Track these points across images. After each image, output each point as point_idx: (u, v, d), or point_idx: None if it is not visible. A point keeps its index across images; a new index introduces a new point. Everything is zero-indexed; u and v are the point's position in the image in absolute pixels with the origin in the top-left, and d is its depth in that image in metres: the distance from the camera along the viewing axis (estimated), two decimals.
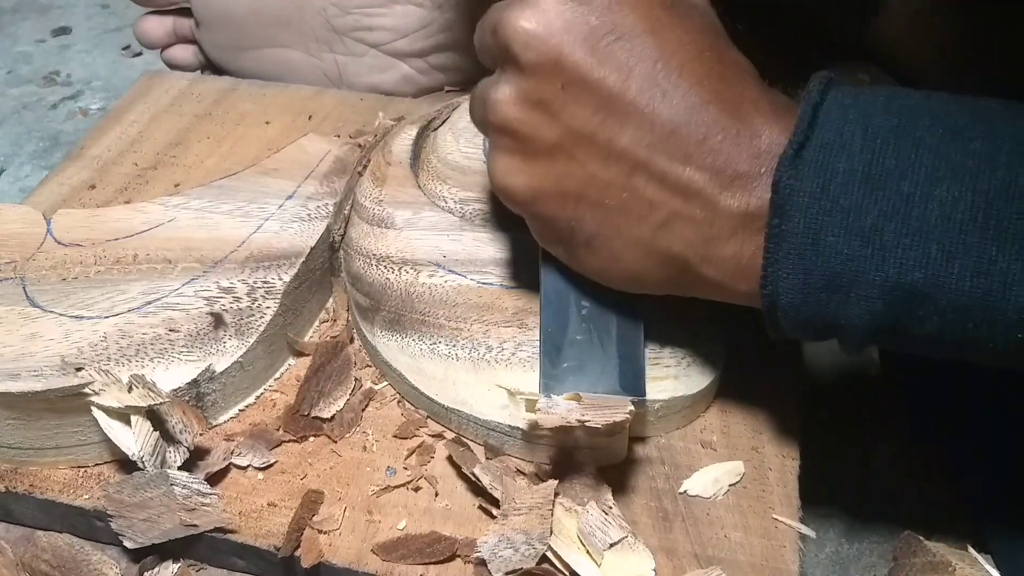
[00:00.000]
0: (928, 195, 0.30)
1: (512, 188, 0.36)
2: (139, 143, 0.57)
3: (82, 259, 0.45)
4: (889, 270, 0.30)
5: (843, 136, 0.31)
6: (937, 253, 0.30)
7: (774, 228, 0.32)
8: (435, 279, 0.44)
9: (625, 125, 0.34)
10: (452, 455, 0.40)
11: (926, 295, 0.30)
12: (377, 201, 0.48)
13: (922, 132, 0.31)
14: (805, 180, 0.31)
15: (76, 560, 0.39)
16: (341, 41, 0.62)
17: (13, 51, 0.85)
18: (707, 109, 0.33)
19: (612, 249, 0.36)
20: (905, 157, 0.30)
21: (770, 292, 0.33)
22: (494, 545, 0.36)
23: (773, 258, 0.32)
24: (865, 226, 0.30)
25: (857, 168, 0.31)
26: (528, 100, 0.35)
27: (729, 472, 0.40)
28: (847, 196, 0.31)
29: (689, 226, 0.34)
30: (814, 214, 0.31)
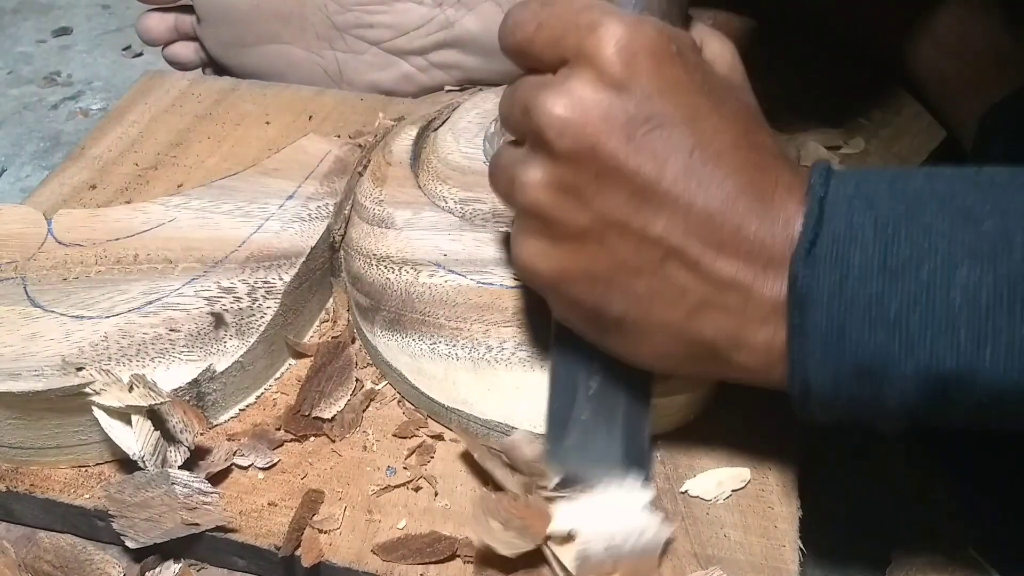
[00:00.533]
0: (949, 280, 0.30)
1: (538, 270, 0.35)
2: (140, 143, 0.57)
3: (83, 259, 0.45)
4: (920, 359, 0.30)
5: (853, 227, 0.31)
6: (966, 339, 0.29)
7: (795, 327, 0.31)
8: (435, 279, 0.44)
9: (659, 214, 0.33)
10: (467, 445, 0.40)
11: (960, 382, 0.30)
12: (377, 201, 0.48)
13: (931, 218, 0.30)
14: (821, 276, 0.31)
15: (79, 560, 0.39)
16: (342, 38, 0.62)
17: (14, 51, 0.85)
18: (742, 198, 0.33)
19: (641, 332, 0.35)
20: (919, 244, 0.30)
21: (799, 385, 0.32)
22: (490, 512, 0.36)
23: (798, 356, 0.32)
24: (889, 317, 0.30)
25: (872, 259, 0.30)
26: (561, 186, 0.34)
27: (734, 477, 0.40)
28: (866, 288, 0.30)
29: (722, 313, 0.33)
30: (835, 309, 0.31)
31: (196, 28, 0.65)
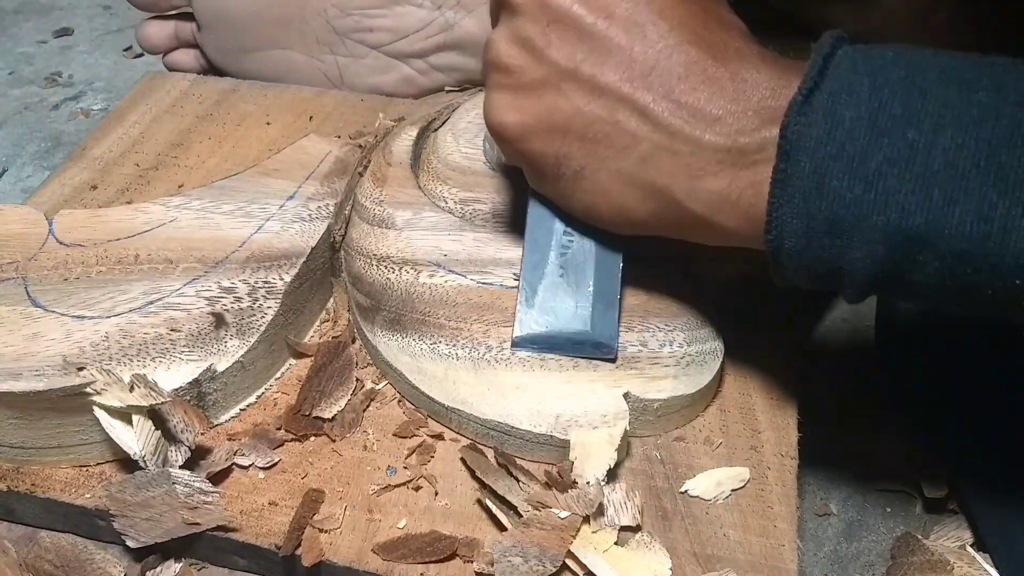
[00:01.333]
0: (932, 142, 0.30)
1: (504, 123, 0.39)
2: (140, 144, 0.57)
3: (84, 259, 0.45)
4: (891, 214, 0.31)
5: (852, 85, 0.32)
6: (939, 198, 0.30)
7: (780, 172, 0.32)
8: (435, 279, 0.44)
9: (607, 61, 0.36)
10: (467, 460, 0.40)
11: (927, 239, 0.30)
12: (378, 201, 0.48)
13: (929, 83, 0.31)
14: (813, 126, 0.32)
15: (80, 560, 0.39)
16: (342, 43, 0.62)
17: (15, 52, 0.85)
18: (686, 49, 0.35)
19: (598, 183, 0.37)
20: (911, 106, 0.31)
21: (774, 236, 0.33)
22: (507, 549, 0.36)
23: (778, 202, 0.33)
24: (869, 171, 0.31)
25: (864, 116, 0.31)
26: (517, 38, 0.38)
27: (733, 477, 0.40)
28: (853, 142, 0.31)
29: (672, 159, 0.35)
30: (820, 158, 0.31)
31: (196, 35, 0.65)
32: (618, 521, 0.37)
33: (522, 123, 0.38)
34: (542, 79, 0.37)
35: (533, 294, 0.40)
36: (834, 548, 0.44)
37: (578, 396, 0.40)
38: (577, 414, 0.40)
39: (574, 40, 0.37)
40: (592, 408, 0.40)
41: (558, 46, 0.37)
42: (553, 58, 0.37)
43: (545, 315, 0.40)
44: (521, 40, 0.38)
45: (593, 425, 0.39)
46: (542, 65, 0.37)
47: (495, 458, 0.39)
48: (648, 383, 0.41)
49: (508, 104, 0.38)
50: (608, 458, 0.38)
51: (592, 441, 0.39)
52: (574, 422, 0.40)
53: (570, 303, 0.40)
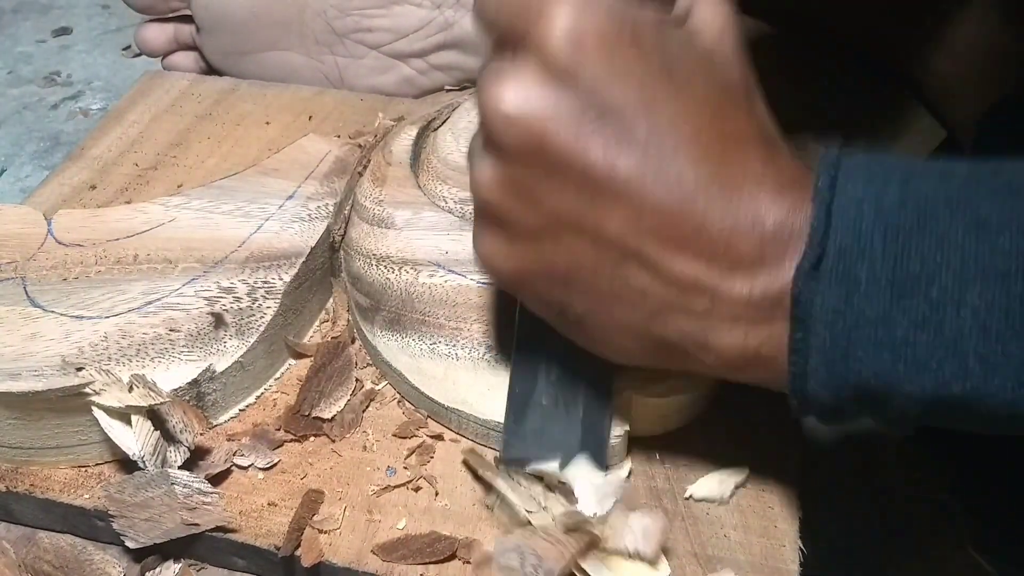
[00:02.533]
0: (960, 301, 0.28)
1: (497, 269, 0.34)
2: (140, 143, 0.57)
3: (83, 259, 0.45)
4: (926, 384, 0.29)
5: (862, 240, 0.29)
6: (975, 364, 0.28)
7: (798, 343, 0.30)
8: (435, 279, 0.44)
9: (613, 212, 0.31)
10: (469, 461, 0.39)
11: (967, 405, 0.29)
12: (377, 201, 0.48)
13: (944, 227, 0.29)
14: (826, 293, 0.29)
15: (79, 560, 0.39)
16: (341, 43, 0.62)
17: (14, 51, 0.85)
18: (704, 194, 0.31)
19: (604, 331, 0.34)
20: (930, 259, 0.28)
21: (799, 403, 0.32)
22: (509, 548, 0.36)
23: (799, 372, 0.31)
24: (896, 338, 0.29)
25: (881, 276, 0.29)
26: (510, 185, 0.32)
27: (733, 476, 0.40)
28: (873, 306, 0.29)
29: (685, 316, 0.32)
30: (840, 329, 0.29)
31: (195, 37, 0.65)
32: (639, 550, 0.36)
33: (518, 270, 0.34)
34: (539, 229, 0.32)
35: (522, 415, 0.38)
36: (835, 549, 0.44)
37: None
38: None
39: (576, 189, 0.31)
40: None
41: (559, 196, 0.31)
42: (553, 209, 0.32)
43: (534, 443, 0.38)
44: (514, 186, 0.32)
45: None
46: (539, 215, 0.32)
47: (496, 460, 0.39)
48: (648, 383, 0.40)
49: (500, 250, 0.34)
50: (612, 497, 0.38)
51: (596, 483, 0.38)
52: None
53: (559, 429, 0.38)
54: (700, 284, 0.31)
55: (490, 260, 0.34)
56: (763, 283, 0.31)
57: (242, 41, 0.63)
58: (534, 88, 0.30)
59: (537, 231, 0.32)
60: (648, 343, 0.33)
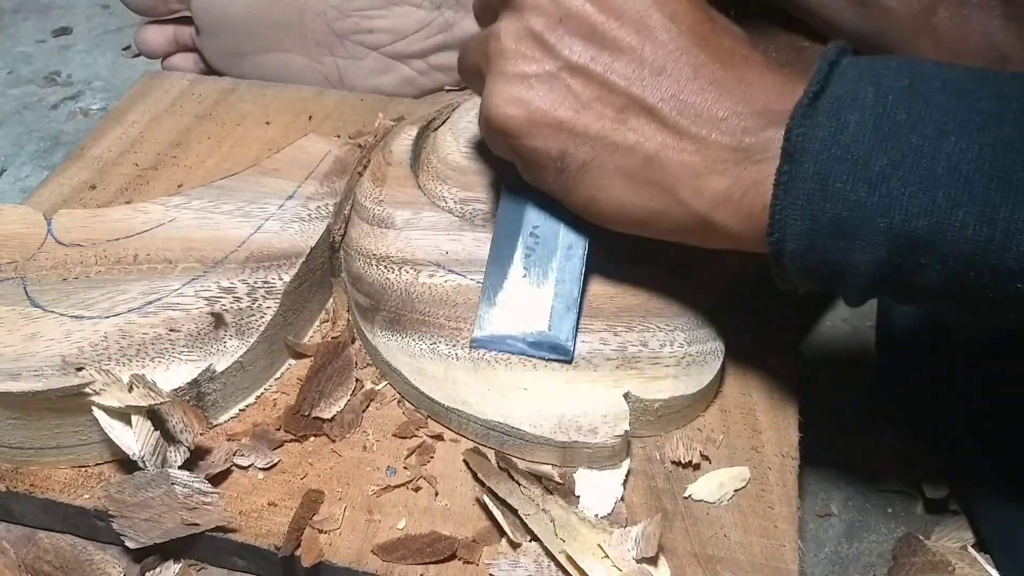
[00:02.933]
0: (936, 147, 0.31)
1: (508, 116, 0.38)
2: (140, 143, 0.57)
3: (83, 259, 0.45)
4: (895, 217, 0.31)
5: (856, 91, 0.32)
6: (942, 201, 0.30)
7: (783, 174, 0.33)
8: (435, 279, 0.44)
9: (618, 60, 0.37)
10: (469, 462, 0.39)
11: (930, 242, 0.31)
12: (377, 201, 0.48)
13: (932, 92, 0.32)
14: (817, 129, 0.32)
15: (79, 560, 0.39)
16: (341, 44, 0.62)
17: (14, 51, 0.85)
18: (696, 52, 0.36)
19: (603, 178, 0.38)
20: (915, 113, 0.31)
21: (777, 238, 0.33)
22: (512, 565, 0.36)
23: (781, 204, 0.33)
24: (873, 174, 0.31)
25: (868, 120, 0.32)
26: (528, 33, 0.38)
27: (734, 478, 0.40)
28: (857, 145, 0.31)
29: (678, 156, 0.36)
30: (824, 161, 0.32)
31: (195, 39, 0.64)
32: (639, 553, 0.36)
33: (527, 116, 0.38)
34: (550, 72, 0.38)
35: (495, 293, 0.41)
36: (835, 549, 0.44)
37: (578, 396, 0.40)
38: (577, 414, 0.40)
39: (585, 38, 0.37)
40: (592, 408, 0.40)
41: (569, 42, 0.37)
42: (564, 53, 0.37)
43: (506, 315, 0.40)
44: (531, 33, 0.38)
45: (593, 426, 0.39)
46: (552, 58, 0.38)
47: (496, 461, 0.39)
48: (648, 383, 0.40)
49: (513, 96, 0.38)
50: (614, 495, 0.38)
51: (598, 479, 0.39)
52: (575, 422, 0.39)
53: (530, 304, 0.40)
54: (691, 131, 0.36)
55: (503, 109, 0.38)
56: (751, 135, 0.35)
57: (242, 43, 0.63)
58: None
59: (549, 75, 0.38)
60: (643, 186, 0.37)
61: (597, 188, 0.38)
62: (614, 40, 0.37)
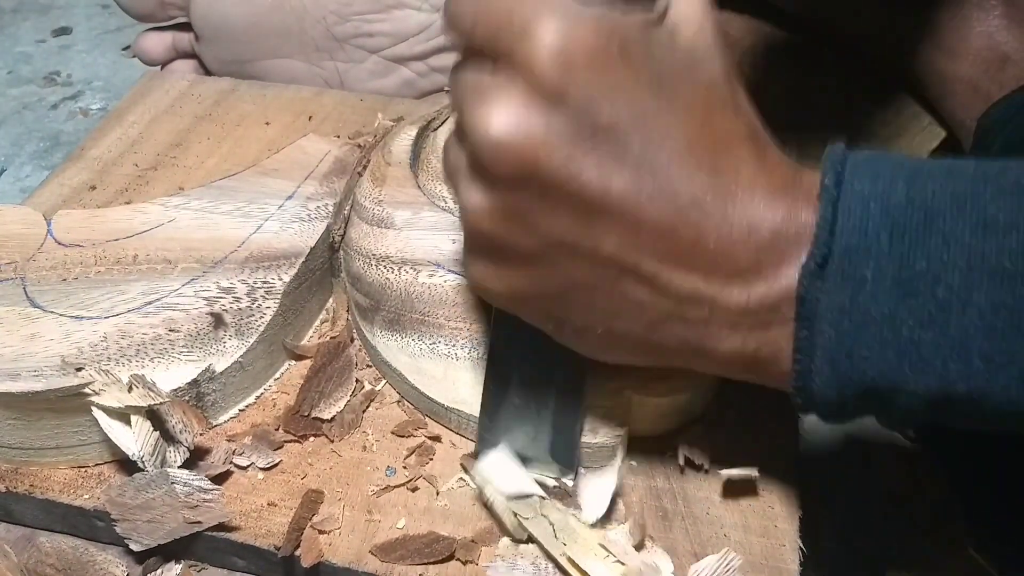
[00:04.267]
0: (966, 301, 0.28)
1: (490, 290, 0.34)
2: (139, 144, 0.57)
3: (82, 259, 0.45)
4: (931, 383, 0.29)
5: (868, 239, 0.29)
6: (980, 364, 0.28)
7: (803, 341, 0.30)
8: (435, 279, 0.44)
9: (610, 232, 0.31)
10: (467, 467, 0.39)
11: (972, 404, 0.29)
12: (377, 201, 0.48)
13: (951, 226, 0.29)
14: (832, 292, 0.29)
15: (81, 562, 0.39)
16: (341, 48, 0.62)
17: (14, 51, 0.85)
18: (698, 206, 0.30)
19: (603, 341, 0.34)
20: (936, 258, 0.28)
21: (803, 400, 0.32)
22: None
23: (804, 369, 0.31)
24: (901, 338, 0.29)
25: (887, 274, 0.29)
26: (503, 212, 0.31)
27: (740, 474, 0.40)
28: (878, 305, 0.29)
29: (683, 326, 0.32)
30: (845, 328, 0.29)
31: (195, 46, 0.64)
32: (633, 541, 0.36)
33: (512, 292, 0.34)
34: (534, 253, 0.32)
35: (495, 413, 0.39)
36: (835, 549, 0.44)
37: None
38: None
39: (572, 212, 0.31)
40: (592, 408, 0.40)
41: (553, 220, 0.31)
42: (548, 232, 0.31)
43: (504, 436, 0.39)
44: (507, 213, 0.31)
45: (593, 426, 0.39)
46: (534, 239, 0.31)
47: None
48: (648, 382, 0.40)
49: (494, 274, 0.33)
50: (608, 493, 0.38)
51: (594, 481, 0.38)
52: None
53: (529, 429, 0.39)
54: (698, 295, 0.31)
55: (483, 283, 0.34)
56: (761, 290, 0.31)
57: (242, 49, 0.63)
58: (524, 111, 0.29)
59: (532, 255, 0.32)
60: (648, 350, 0.34)
61: (598, 348, 0.35)
62: (604, 210, 0.30)
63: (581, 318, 0.33)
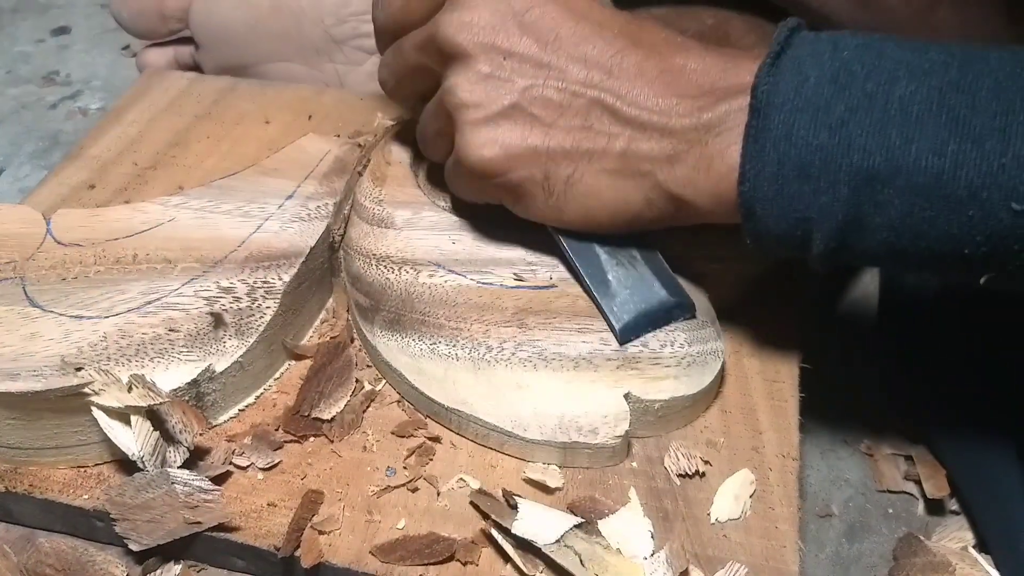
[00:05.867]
0: (888, 92, 0.34)
1: (486, 158, 0.40)
2: (138, 143, 0.57)
3: (82, 259, 0.45)
4: (854, 156, 0.34)
5: (815, 50, 0.35)
6: (896, 138, 0.33)
7: (752, 128, 0.35)
8: (435, 279, 0.44)
9: (567, 72, 0.39)
10: (478, 504, 0.38)
11: (887, 177, 0.33)
12: (377, 201, 0.48)
13: (884, 46, 0.35)
14: (781, 84, 0.35)
15: (81, 562, 0.39)
16: (340, 50, 0.62)
17: (12, 51, 0.84)
18: (633, 51, 0.39)
19: (589, 185, 0.40)
20: (869, 63, 0.34)
21: (748, 187, 0.36)
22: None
23: (750, 154, 0.35)
24: (833, 120, 0.34)
25: (826, 73, 0.35)
26: (480, 76, 0.40)
27: (743, 484, 0.40)
28: (818, 96, 0.34)
29: (648, 145, 0.39)
30: (788, 112, 0.35)
31: (195, 55, 0.65)
32: (675, 572, 0.36)
33: (504, 153, 0.40)
34: (512, 104, 0.40)
35: (607, 288, 0.42)
36: (836, 549, 0.44)
37: (579, 397, 0.40)
38: (578, 415, 0.40)
39: (532, 66, 0.40)
40: (593, 409, 0.40)
41: (520, 71, 0.40)
42: (517, 82, 0.40)
43: (628, 301, 0.42)
44: (482, 77, 0.40)
45: (594, 426, 0.39)
46: (509, 91, 0.40)
47: (504, 498, 0.38)
48: (649, 383, 0.40)
49: (485, 138, 0.40)
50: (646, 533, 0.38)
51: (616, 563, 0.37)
52: (575, 423, 0.39)
53: (640, 284, 0.42)
54: (651, 122, 0.38)
55: (479, 155, 0.41)
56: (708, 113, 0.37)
57: (241, 53, 0.63)
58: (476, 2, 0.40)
59: (511, 107, 0.40)
60: (628, 182, 0.39)
61: (587, 196, 0.40)
62: (556, 58, 0.40)
63: (566, 163, 0.40)
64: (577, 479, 0.40)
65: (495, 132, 0.40)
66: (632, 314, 0.42)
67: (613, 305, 0.42)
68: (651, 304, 0.42)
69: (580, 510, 0.38)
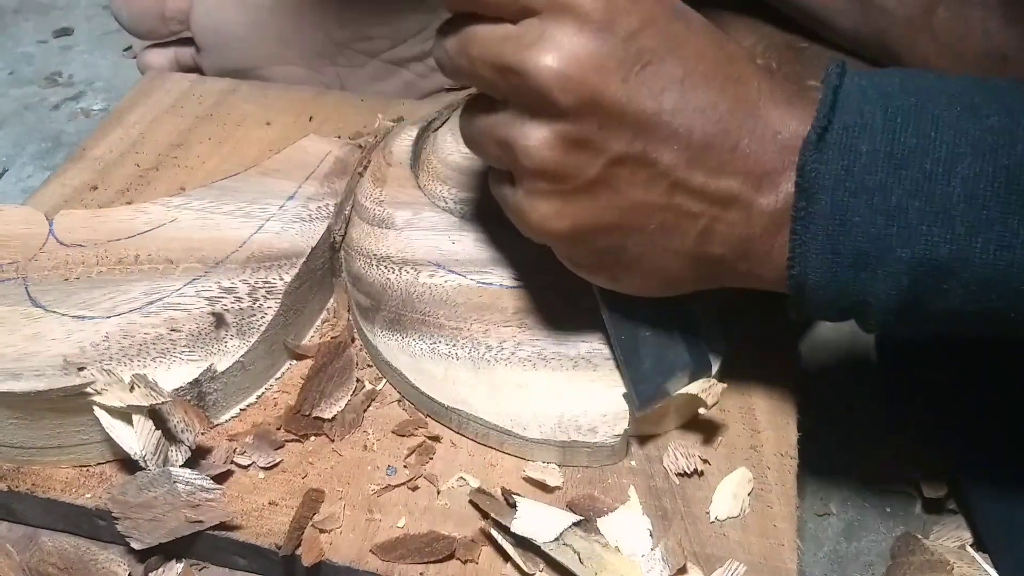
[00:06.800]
0: (950, 172, 0.31)
1: (553, 230, 0.35)
2: (141, 144, 0.57)
3: (84, 259, 0.45)
4: (916, 247, 0.31)
5: (864, 117, 0.32)
6: (961, 229, 0.30)
7: (800, 211, 0.33)
8: (435, 279, 0.44)
9: (664, 148, 0.34)
10: (477, 503, 0.39)
11: (951, 270, 0.31)
12: (377, 201, 0.48)
13: (939, 110, 0.32)
14: (829, 163, 0.32)
15: (83, 561, 0.39)
16: (341, 53, 0.62)
17: (15, 52, 0.85)
18: (733, 116, 0.33)
19: (654, 265, 0.36)
20: (925, 135, 0.31)
21: (798, 273, 0.33)
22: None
23: (801, 239, 0.33)
24: (890, 205, 0.31)
25: (880, 148, 0.31)
26: (569, 142, 0.34)
27: (741, 482, 0.40)
28: (871, 176, 0.31)
29: (728, 228, 0.35)
30: (840, 195, 0.32)
31: (196, 57, 0.65)
32: (671, 569, 0.36)
33: (575, 227, 0.35)
34: (596, 179, 0.34)
35: (637, 360, 0.40)
36: (834, 548, 0.44)
37: (578, 396, 0.40)
38: (577, 414, 0.40)
39: (631, 133, 0.33)
40: (592, 408, 0.40)
41: (614, 143, 0.34)
42: (609, 155, 0.34)
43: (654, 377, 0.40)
44: (573, 142, 0.34)
45: (593, 425, 0.39)
46: (597, 164, 0.34)
47: (503, 496, 0.38)
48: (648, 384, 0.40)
49: (556, 211, 0.35)
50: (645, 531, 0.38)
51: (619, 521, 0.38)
52: (574, 422, 0.40)
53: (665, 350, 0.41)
54: (739, 198, 0.34)
55: (545, 223, 0.36)
56: (785, 191, 0.33)
57: (242, 57, 0.63)
58: (579, 44, 0.33)
59: (595, 181, 0.34)
60: (695, 264, 0.36)
61: (648, 275, 0.37)
62: (658, 128, 0.33)
63: (637, 243, 0.36)
64: (576, 478, 0.40)
65: (568, 207, 0.35)
66: (653, 391, 0.40)
67: (638, 377, 0.40)
68: (672, 376, 0.40)
69: (579, 508, 0.39)
